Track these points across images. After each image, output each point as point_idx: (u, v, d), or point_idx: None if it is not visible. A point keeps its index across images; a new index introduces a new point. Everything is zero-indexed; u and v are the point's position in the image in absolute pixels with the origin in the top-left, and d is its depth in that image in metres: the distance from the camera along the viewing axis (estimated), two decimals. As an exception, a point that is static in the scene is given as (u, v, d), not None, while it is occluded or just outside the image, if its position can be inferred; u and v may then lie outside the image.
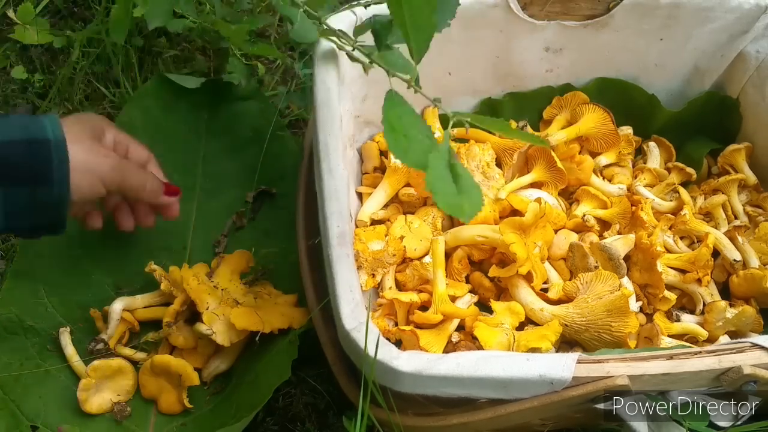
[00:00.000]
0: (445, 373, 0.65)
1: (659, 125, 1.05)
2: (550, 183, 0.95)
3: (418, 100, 0.69)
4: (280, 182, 1.02)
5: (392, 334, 0.80)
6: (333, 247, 0.73)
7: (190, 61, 1.22)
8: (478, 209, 0.57)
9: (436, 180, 0.56)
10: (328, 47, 0.83)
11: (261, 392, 0.81)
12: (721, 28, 0.98)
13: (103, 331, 0.89)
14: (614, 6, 0.95)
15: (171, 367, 0.85)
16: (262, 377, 0.84)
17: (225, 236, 0.98)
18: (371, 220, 0.91)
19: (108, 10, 1.19)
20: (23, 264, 0.92)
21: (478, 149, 0.92)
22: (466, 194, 0.57)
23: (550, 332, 0.79)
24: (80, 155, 0.71)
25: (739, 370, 0.65)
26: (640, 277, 0.89)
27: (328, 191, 0.76)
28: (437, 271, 0.82)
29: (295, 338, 0.85)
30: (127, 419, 0.86)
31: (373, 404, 0.71)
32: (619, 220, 0.94)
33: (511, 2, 0.93)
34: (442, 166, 0.57)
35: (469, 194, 0.57)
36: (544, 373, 0.64)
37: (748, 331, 0.88)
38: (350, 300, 0.69)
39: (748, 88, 1.01)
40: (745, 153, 1.01)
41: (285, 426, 0.85)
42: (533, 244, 0.85)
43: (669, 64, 1.03)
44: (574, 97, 1.02)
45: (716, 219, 0.97)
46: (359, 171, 0.98)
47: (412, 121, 0.61)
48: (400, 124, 0.60)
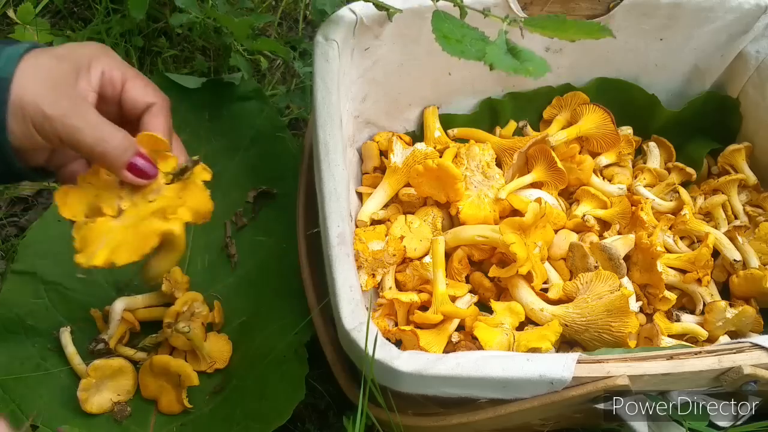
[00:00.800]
0: (445, 373, 0.65)
1: (659, 125, 1.05)
2: (550, 183, 0.95)
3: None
4: (280, 182, 1.02)
5: (392, 334, 0.80)
6: (333, 247, 0.73)
7: (190, 61, 1.22)
8: (543, 70, 0.63)
9: (497, 58, 0.63)
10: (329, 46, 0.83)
11: (279, 409, 0.81)
12: (721, 28, 0.98)
13: (103, 331, 0.89)
14: (614, 6, 0.95)
15: (170, 368, 0.85)
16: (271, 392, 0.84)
17: (230, 238, 0.98)
18: (371, 220, 0.91)
19: (108, 10, 1.20)
20: (23, 264, 0.92)
21: (478, 149, 0.92)
22: (529, 61, 0.64)
23: (550, 332, 0.79)
24: (28, 96, 0.58)
25: (739, 370, 0.65)
26: (640, 277, 0.89)
27: (328, 191, 0.76)
28: (437, 271, 0.82)
29: (303, 350, 0.85)
30: (127, 419, 0.86)
31: (373, 404, 0.71)
32: (619, 220, 0.94)
33: (511, 2, 0.93)
34: (501, 49, 0.64)
35: (532, 61, 0.64)
36: (544, 373, 0.64)
37: (748, 331, 0.88)
38: (350, 300, 0.69)
39: (748, 88, 1.01)
40: (745, 153, 1.01)
41: (285, 426, 0.84)
42: (533, 244, 0.85)
43: (669, 64, 1.03)
44: (574, 97, 1.02)
45: (716, 219, 0.97)
46: (359, 171, 0.98)
47: (464, 30, 0.68)
48: (453, 33, 0.67)
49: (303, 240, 0.89)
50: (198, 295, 0.91)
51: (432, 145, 0.96)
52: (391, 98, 0.99)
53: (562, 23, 0.68)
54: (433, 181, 0.89)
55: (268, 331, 0.90)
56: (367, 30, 0.88)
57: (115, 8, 1.20)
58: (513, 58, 0.63)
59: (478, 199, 0.90)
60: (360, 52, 0.90)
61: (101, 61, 0.64)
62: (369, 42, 0.90)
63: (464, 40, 0.66)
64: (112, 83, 0.65)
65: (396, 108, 1.00)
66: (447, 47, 0.66)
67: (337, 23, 0.85)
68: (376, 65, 0.93)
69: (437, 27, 0.68)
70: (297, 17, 1.32)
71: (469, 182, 0.90)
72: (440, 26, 0.68)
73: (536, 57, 0.64)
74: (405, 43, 0.92)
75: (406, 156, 0.92)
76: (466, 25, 0.69)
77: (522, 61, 0.63)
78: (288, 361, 0.85)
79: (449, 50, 0.65)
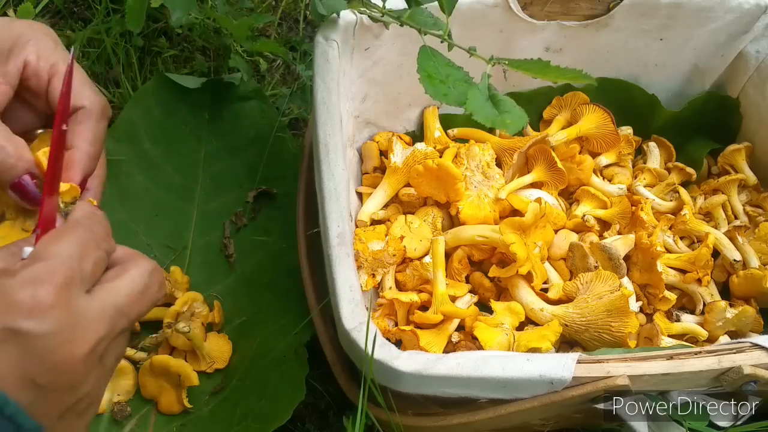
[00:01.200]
0: (445, 373, 0.65)
1: (659, 125, 1.05)
2: (550, 183, 0.95)
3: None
4: (280, 182, 1.02)
5: (392, 334, 0.80)
6: (333, 247, 0.73)
7: (190, 61, 1.22)
8: (521, 123, 0.63)
9: (477, 107, 0.63)
10: (329, 46, 0.83)
11: (279, 410, 0.81)
12: (721, 28, 0.98)
13: (103, 331, 0.89)
14: (614, 6, 0.95)
15: (170, 368, 0.85)
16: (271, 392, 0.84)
17: (228, 238, 0.98)
18: (371, 220, 0.91)
19: (108, 10, 1.20)
20: (23, 264, 0.92)
21: (478, 149, 0.92)
22: (508, 113, 0.63)
23: (550, 332, 0.79)
24: None
25: (739, 370, 0.65)
26: (640, 277, 0.89)
27: (328, 191, 0.76)
28: (437, 271, 0.82)
29: (303, 350, 0.85)
30: (127, 419, 0.86)
31: (373, 404, 0.71)
32: (619, 220, 0.94)
33: (511, 2, 0.93)
34: (482, 97, 0.64)
35: (511, 113, 0.64)
36: (544, 373, 0.64)
37: (748, 331, 0.88)
38: (350, 300, 0.69)
39: (748, 87, 1.01)
40: (745, 153, 1.00)
41: (285, 426, 0.84)
42: (533, 244, 0.85)
43: (669, 64, 1.03)
44: (574, 97, 1.02)
45: (716, 219, 0.97)
46: (359, 171, 0.98)
47: (448, 69, 0.68)
48: (437, 73, 0.66)
49: (303, 240, 0.89)
50: (198, 295, 0.91)
51: (432, 145, 0.96)
52: (391, 98, 0.99)
53: (545, 67, 0.68)
54: (433, 181, 0.89)
55: (268, 331, 0.90)
56: (367, 30, 0.88)
57: (115, 8, 1.20)
58: (492, 108, 0.63)
59: (478, 199, 0.90)
60: (360, 52, 0.90)
61: (27, 47, 0.54)
62: (369, 42, 0.90)
63: (448, 80, 0.66)
64: (36, 75, 0.55)
65: (396, 108, 1.00)
66: (430, 89, 0.65)
67: (337, 23, 0.85)
68: (376, 65, 0.93)
69: (422, 65, 0.67)
70: (297, 17, 1.32)
71: (469, 182, 0.90)
72: (425, 64, 0.67)
73: (515, 109, 0.64)
74: (405, 43, 0.92)
75: (406, 156, 0.92)
76: (451, 63, 0.69)
77: (501, 111, 0.63)
78: (288, 361, 0.85)
79: (432, 92, 0.65)
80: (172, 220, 0.98)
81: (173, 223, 0.97)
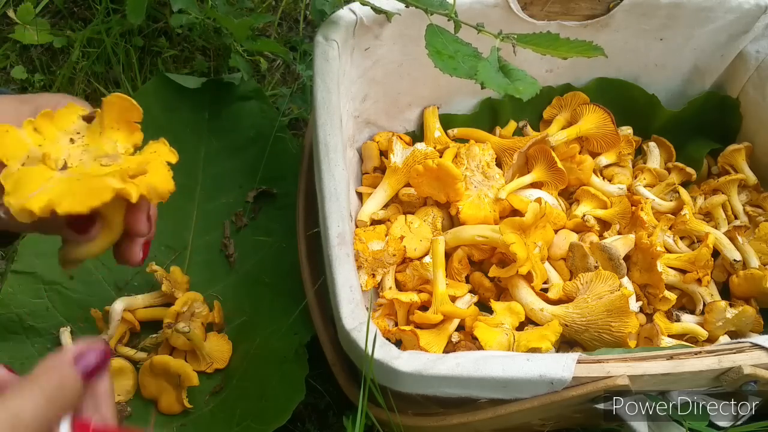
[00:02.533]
0: (445, 373, 0.65)
1: (659, 125, 1.05)
2: (550, 183, 0.95)
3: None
4: (280, 182, 1.02)
5: (392, 334, 0.80)
6: (333, 247, 0.73)
7: (190, 61, 1.22)
8: (533, 90, 0.63)
9: (488, 77, 0.64)
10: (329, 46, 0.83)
11: (279, 410, 0.81)
12: (721, 28, 0.98)
13: (103, 331, 0.89)
14: (614, 6, 0.95)
15: (170, 368, 0.85)
16: (271, 392, 0.84)
17: (229, 238, 0.98)
18: (371, 220, 0.91)
19: (108, 10, 1.20)
20: (23, 264, 0.92)
21: (478, 149, 0.92)
22: (520, 81, 0.64)
23: (550, 332, 0.79)
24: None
25: (739, 370, 0.65)
26: (640, 277, 0.89)
27: (328, 191, 0.76)
28: (437, 271, 0.82)
29: (303, 351, 0.85)
30: (127, 419, 0.86)
31: (373, 404, 0.71)
32: (619, 220, 0.94)
33: (511, 2, 0.93)
34: (492, 67, 0.65)
35: (523, 80, 0.64)
36: (544, 373, 0.64)
37: (748, 331, 0.88)
38: (350, 300, 0.69)
39: (748, 87, 1.01)
40: (745, 153, 1.01)
41: (285, 426, 0.84)
42: (533, 244, 0.85)
43: (669, 64, 1.03)
44: (574, 97, 1.02)
45: (716, 219, 0.97)
46: (359, 171, 0.98)
47: (456, 45, 0.69)
48: (446, 48, 0.68)
49: (303, 240, 0.89)
50: (198, 295, 0.91)
51: (432, 145, 0.96)
52: (391, 98, 0.99)
53: (554, 41, 0.68)
54: (433, 181, 0.89)
55: (268, 331, 0.90)
56: (367, 30, 0.88)
57: (115, 8, 1.20)
58: (504, 77, 0.64)
59: (478, 199, 0.90)
60: (360, 52, 0.90)
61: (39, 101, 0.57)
62: (369, 42, 0.90)
63: (456, 56, 0.67)
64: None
65: (396, 108, 1.00)
66: (439, 63, 0.66)
67: (337, 23, 0.85)
68: (376, 65, 0.93)
69: (430, 42, 0.68)
70: (297, 17, 1.32)
71: (469, 182, 0.90)
72: (433, 41, 0.68)
73: (527, 76, 0.65)
74: (405, 43, 0.92)
75: (406, 156, 0.92)
76: (459, 40, 0.69)
77: (513, 80, 0.64)
78: (288, 361, 0.85)
79: (441, 66, 0.66)
80: (172, 220, 0.98)
81: (173, 223, 0.97)
